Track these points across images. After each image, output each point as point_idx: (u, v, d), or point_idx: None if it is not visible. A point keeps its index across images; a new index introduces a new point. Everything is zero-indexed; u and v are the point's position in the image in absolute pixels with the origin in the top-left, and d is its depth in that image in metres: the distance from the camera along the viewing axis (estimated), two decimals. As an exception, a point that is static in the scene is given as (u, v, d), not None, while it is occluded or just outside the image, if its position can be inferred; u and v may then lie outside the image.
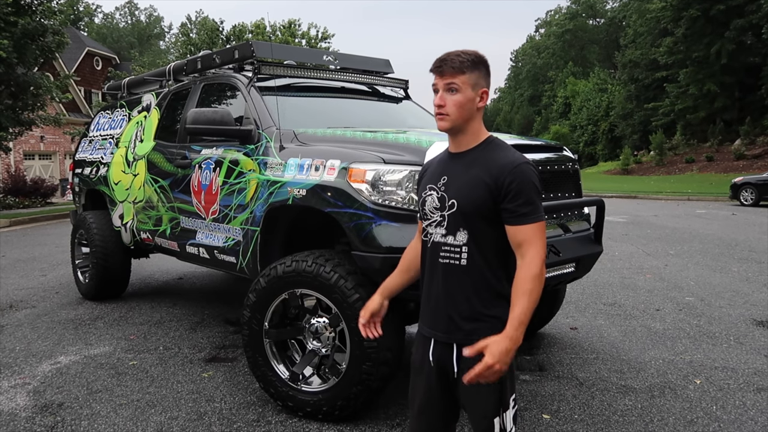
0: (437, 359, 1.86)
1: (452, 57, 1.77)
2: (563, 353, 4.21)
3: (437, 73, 1.78)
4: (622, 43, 47.74)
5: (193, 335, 4.71)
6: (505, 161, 1.77)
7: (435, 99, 1.80)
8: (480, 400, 1.81)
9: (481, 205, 1.75)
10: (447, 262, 1.81)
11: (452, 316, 1.81)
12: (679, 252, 8.57)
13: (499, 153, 1.80)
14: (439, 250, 1.83)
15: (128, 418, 3.19)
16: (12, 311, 5.58)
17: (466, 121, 1.80)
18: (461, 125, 1.80)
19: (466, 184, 1.78)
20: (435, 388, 1.88)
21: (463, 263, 1.78)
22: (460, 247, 1.78)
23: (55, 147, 27.44)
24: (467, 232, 1.78)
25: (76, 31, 34.01)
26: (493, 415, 1.80)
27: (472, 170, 1.79)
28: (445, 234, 1.81)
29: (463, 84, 1.76)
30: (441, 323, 1.83)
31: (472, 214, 1.77)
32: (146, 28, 66.81)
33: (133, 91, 6.14)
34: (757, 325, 4.83)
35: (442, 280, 1.82)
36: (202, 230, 4.27)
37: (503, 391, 1.81)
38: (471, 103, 1.78)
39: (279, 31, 29.35)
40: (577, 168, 3.81)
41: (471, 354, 1.70)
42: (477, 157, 1.80)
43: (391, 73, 5.16)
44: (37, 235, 12.11)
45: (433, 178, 1.88)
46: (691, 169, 33.21)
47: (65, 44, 17.39)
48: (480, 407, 1.82)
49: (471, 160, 1.81)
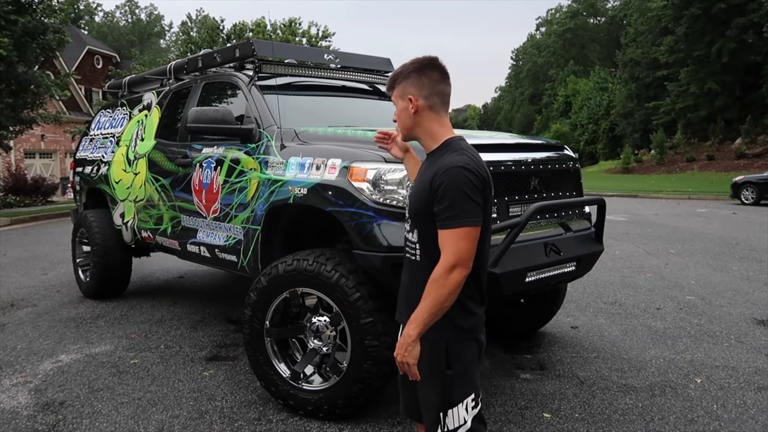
0: None
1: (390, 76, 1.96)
2: (564, 352, 4.21)
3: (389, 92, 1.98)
4: (623, 42, 47.67)
5: (194, 334, 4.72)
6: (441, 165, 1.79)
7: None
8: (425, 389, 1.91)
9: (422, 209, 1.83)
10: (408, 257, 1.96)
11: (410, 305, 1.89)
12: (679, 251, 8.57)
13: (446, 157, 1.82)
14: (406, 246, 1.98)
15: (129, 417, 3.20)
16: (13, 310, 5.59)
17: (410, 129, 1.93)
18: (409, 134, 1.95)
19: (416, 188, 1.90)
20: None
21: (417, 259, 1.91)
22: (414, 244, 1.92)
23: (56, 145, 27.45)
24: (417, 231, 1.90)
25: (77, 30, 34.00)
26: (436, 408, 1.88)
27: (424, 174, 1.87)
28: (409, 231, 1.95)
29: (396, 99, 1.93)
30: (403, 311, 1.96)
31: (417, 216, 1.88)
32: (146, 27, 66.75)
33: (134, 89, 6.15)
34: (757, 324, 4.83)
35: (406, 272, 1.98)
36: (203, 229, 4.28)
37: (446, 387, 1.86)
38: (405, 112, 1.91)
39: (279, 30, 29.35)
40: (578, 167, 3.81)
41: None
42: (433, 161, 1.87)
43: (391, 72, 5.15)
44: (37, 234, 12.12)
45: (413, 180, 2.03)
46: (692, 168, 33.19)
47: (66, 42, 17.36)
48: (424, 397, 1.92)
49: (428, 164, 1.89)
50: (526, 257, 3.10)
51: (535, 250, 3.19)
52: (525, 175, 3.28)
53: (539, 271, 3.18)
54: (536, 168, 3.37)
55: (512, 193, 3.20)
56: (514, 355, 4.16)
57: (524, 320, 4.50)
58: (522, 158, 3.30)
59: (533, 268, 3.13)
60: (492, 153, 3.15)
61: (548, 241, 3.29)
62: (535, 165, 3.37)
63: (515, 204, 3.20)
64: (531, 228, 3.28)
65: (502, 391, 3.51)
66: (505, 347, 4.32)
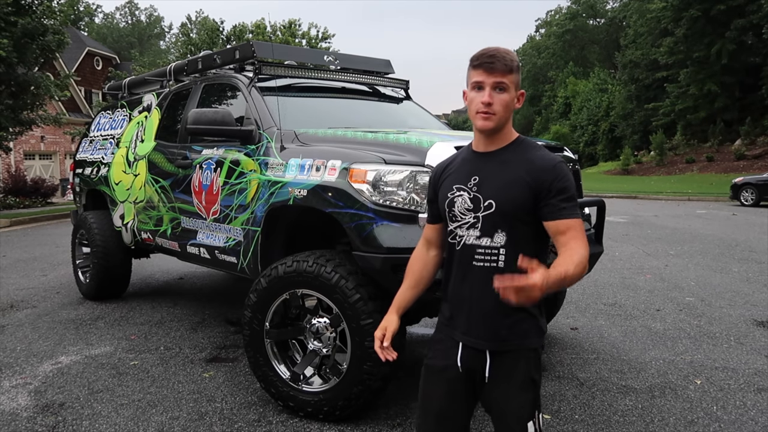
0: (466, 364, 1.81)
1: (502, 54, 1.70)
2: (564, 353, 4.21)
3: (487, 69, 1.69)
4: (623, 43, 47.67)
5: (194, 335, 4.71)
6: (544, 160, 1.75)
7: (480, 96, 1.71)
8: (516, 401, 1.76)
9: (523, 205, 1.71)
10: (483, 265, 1.74)
11: (491, 318, 1.76)
12: (679, 252, 8.58)
13: (535, 152, 1.78)
14: (473, 253, 1.76)
15: (129, 418, 3.19)
16: (13, 311, 5.58)
17: (507, 119, 1.77)
18: (501, 124, 1.75)
19: (505, 184, 1.72)
20: (459, 394, 1.83)
21: (501, 265, 1.72)
22: (498, 248, 1.73)
23: (56, 147, 27.44)
24: (505, 233, 1.73)
25: (77, 31, 34.01)
26: (528, 418, 1.76)
27: (508, 169, 1.74)
28: (480, 236, 1.75)
29: (511, 84, 1.71)
30: (476, 327, 1.78)
31: (511, 214, 1.72)
32: (146, 28, 66.79)
33: (134, 91, 6.15)
34: (757, 325, 4.83)
35: (478, 283, 1.75)
36: (203, 230, 4.28)
37: (537, 390, 1.79)
38: (513, 103, 1.74)
39: (279, 31, 29.33)
40: (578, 168, 3.81)
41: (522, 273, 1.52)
42: (511, 156, 1.76)
43: (391, 74, 5.16)
44: (37, 235, 12.11)
45: (460, 178, 1.81)
46: (692, 170, 33.19)
47: (65, 44, 17.37)
48: (515, 410, 1.76)
49: (504, 160, 1.76)
50: (526, 259, 3.10)
51: (534, 251, 3.18)
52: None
53: (539, 273, 3.18)
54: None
55: (512, 194, 3.20)
56: (514, 356, 4.16)
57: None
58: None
59: (533, 270, 3.13)
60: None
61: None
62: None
63: (515, 205, 3.19)
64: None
65: (502, 393, 3.50)
66: (505, 349, 4.32)
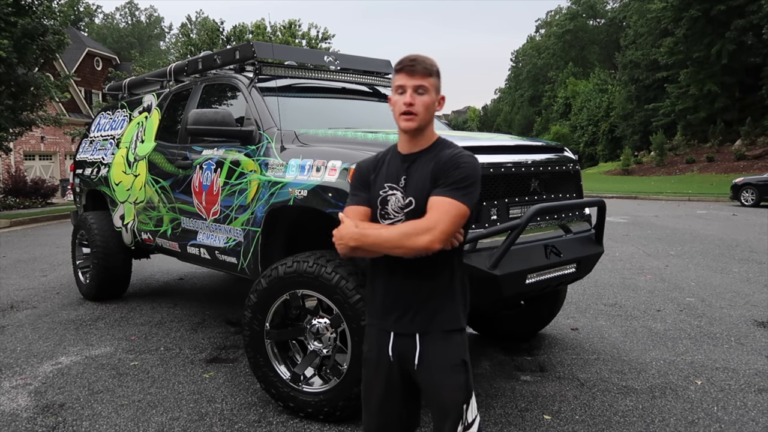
0: (398, 353, 1.90)
1: (422, 59, 1.84)
2: (564, 354, 4.21)
3: (408, 72, 1.82)
4: (623, 44, 47.70)
5: (194, 336, 4.71)
6: (448, 156, 1.85)
7: (402, 98, 1.82)
8: (450, 385, 1.86)
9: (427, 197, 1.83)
10: (409, 258, 1.83)
11: (416, 307, 1.87)
12: (679, 252, 8.57)
13: (446, 150, 1.88)
14: None
15: (129, 419, 3.19)
16: (13, 312, 5.58)
17: (428, 122, 1.87)
18: (424, 126, 1.86)
19: (422, 183, 1.85)
20: (395, 382, 1.93)
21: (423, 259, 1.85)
22: None
23: (56, 147, 27.45)
24: None
25: (77, 32, 33.99)
26: (463, 400, 1.87)
27: (425, 169, 1.86)
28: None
29: (431, 87, 1.84)
30: (404, 316, 1.88)
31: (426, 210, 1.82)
32: (146, 29, 66.82)
33: (134, 91, 6.15)
34: (757, 325, 4.83)
35: (404, 276, 1.87)
36: (203, 231, 4.28)
37: (468, 376, 1.89)
38: (434, 106, 1.86)
39: (279, 32, 29.33)
40: (578, 169, 3.81)
41: None
42: (430, 157, 1.87)
43: (391, 74, 5.15)
44: (37, 236, 12.11)
45: (391, 177, 1.91)
46: (692, 170, 33.19)
47: (65, 44, 17.37)
48: (449, 394, 1.87)
49: (426, 161, 1.87)
50: (526, 259, 3.11)
51: (535, 251, 3.19)
52: (525, 176, 3.29)
53: (539, 273, 3.18)
54: (536, 170, 3.37)
55: (512, 194, 3.20)
56: (515, 356, 4.16)
57: (524, 322, 4.50)
58: (522, 160, 3.30)
59: (533, 270, 3.13)
60: (492, 155, 3.16)
61: (548, 242, 3.29)
62: (536, 167, 3.37)
63: (515, 206, 3.20)
64: (531, 230, 3.27)
65: (502, 393, 3.50)
66: (506, 349, 4.32)
